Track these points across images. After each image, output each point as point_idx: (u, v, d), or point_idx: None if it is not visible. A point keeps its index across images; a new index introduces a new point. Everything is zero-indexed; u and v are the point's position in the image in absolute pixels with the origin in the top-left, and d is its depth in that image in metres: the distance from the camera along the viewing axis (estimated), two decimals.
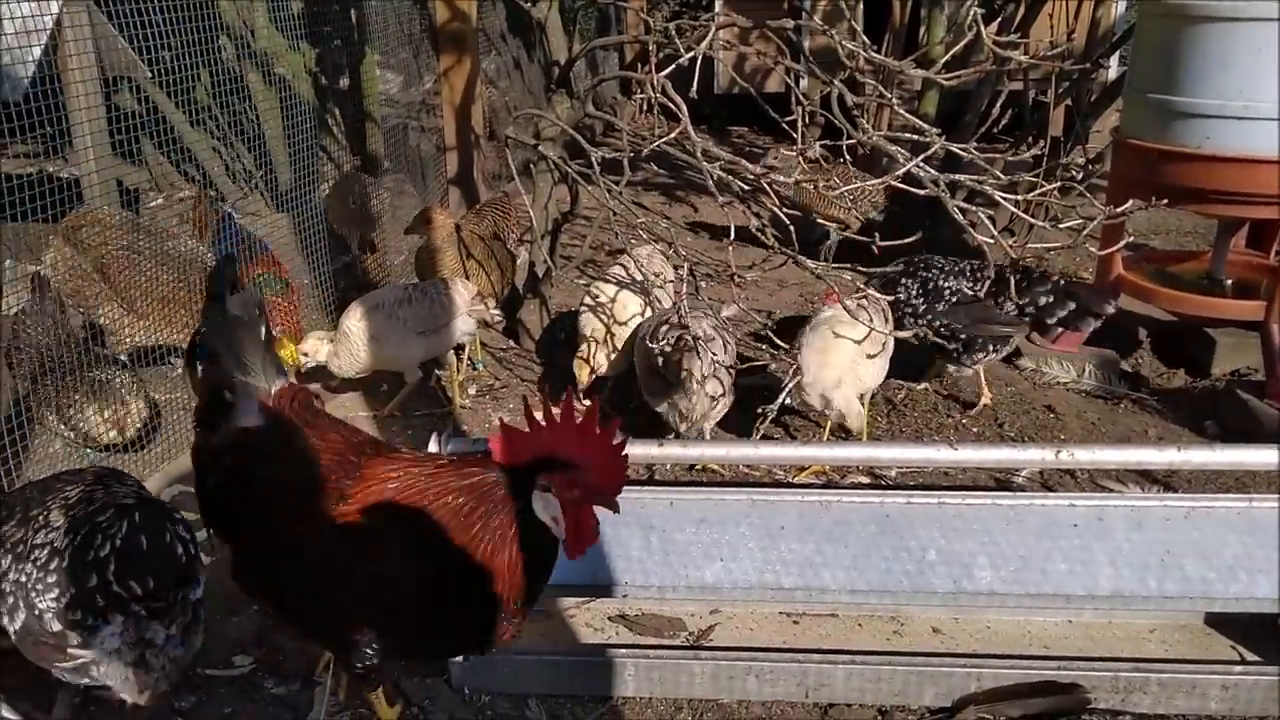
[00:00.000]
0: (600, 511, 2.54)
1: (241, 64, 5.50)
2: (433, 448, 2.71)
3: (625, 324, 3.97)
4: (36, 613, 2.15)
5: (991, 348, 4.10)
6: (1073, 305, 3.99)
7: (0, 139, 6.43)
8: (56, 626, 2.13)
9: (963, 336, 4.01)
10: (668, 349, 3.36)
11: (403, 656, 2.24)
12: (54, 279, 4.08)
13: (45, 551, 2.17)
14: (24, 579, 2.17)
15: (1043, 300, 4.00)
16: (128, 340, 4.09)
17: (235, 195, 6.11)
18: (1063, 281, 4.09)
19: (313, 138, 5.18)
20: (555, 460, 1.86)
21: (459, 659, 2.56)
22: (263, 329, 2.28)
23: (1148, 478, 3.54)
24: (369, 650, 2.06)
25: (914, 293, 4.09)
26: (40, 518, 2.24)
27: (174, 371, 4.32)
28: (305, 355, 3.98)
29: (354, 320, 3.98)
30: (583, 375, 3.94)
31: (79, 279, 4.08)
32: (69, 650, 2.15)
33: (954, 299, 4.07)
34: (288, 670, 2.68)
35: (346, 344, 3.96)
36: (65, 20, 4.05)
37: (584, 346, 3.97)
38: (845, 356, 3.53)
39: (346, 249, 5.40)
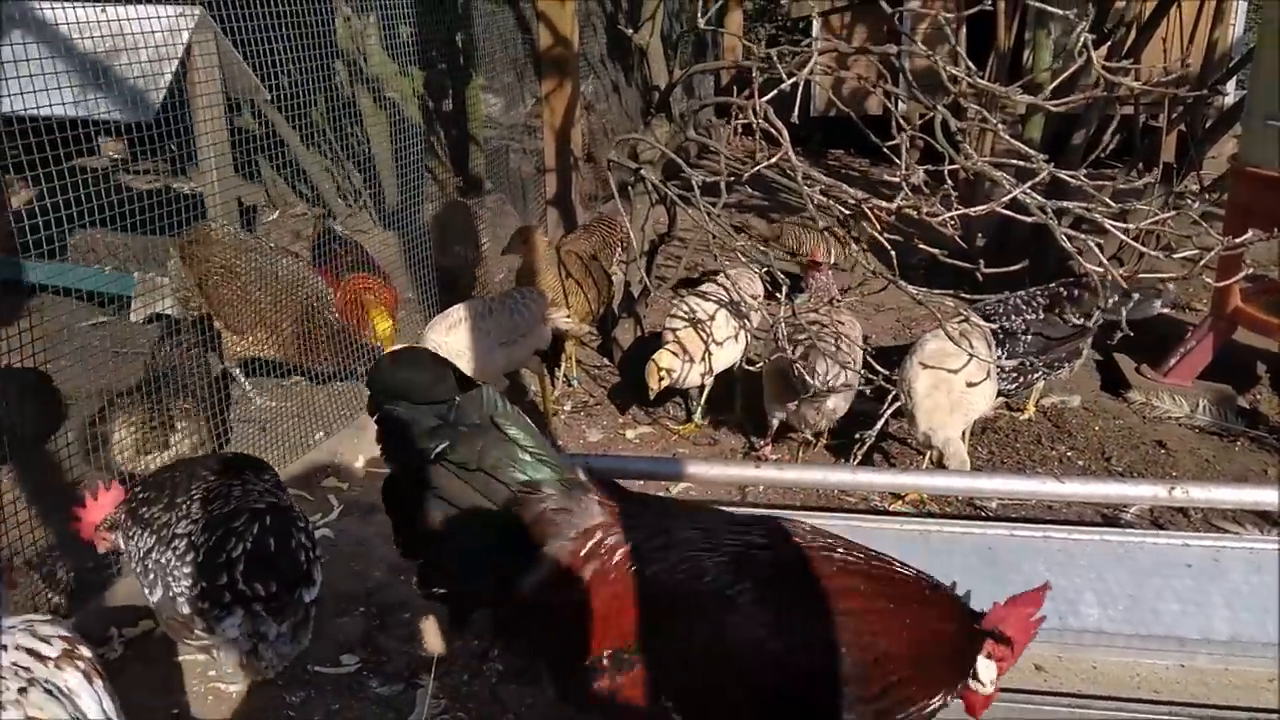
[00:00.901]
0: None
1: (354, 87, 5.74)
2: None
3: (713, 340, 4.00)
4: (171, 595, 2.39)
5: (1068, 365, 4.16)
6: (1136, 296, 3.95)
7: (132, 158, 6.83)
8: (186, 611, 2.38)
9: (1042, 367, 4.02)
10: (801, 351, 3.39)
11: None
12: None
13: (184, 543, 2.40)
14: (164, 561, 2.41)
15: (1108, 304, 3.95)
16: (239, 353, 4.26)
17: (344, 213, 6.36)
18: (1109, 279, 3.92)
19: (419, 158, 5.36)
20: (996, 633, 1.93)
21: None
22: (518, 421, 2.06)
23: (1266, 519, 3.39)
24: None
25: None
26: (184, 506, 2.48)
27: (287, 381, 4.50)
28: None
29: (440, 335, 4.03)
30: (652, 381, 3.96)
31: (186, 291, 4.28)
32: (195, 632, 2.40)
33: (1028, 332, 4.06)
34: (391, 671, 2.76)
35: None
36: (195, 48, 4.30)
37: (660, 354, 3.99)
38: (952, 393, 3.48)
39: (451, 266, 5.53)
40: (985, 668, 1.93)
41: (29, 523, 3.09)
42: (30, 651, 1.97)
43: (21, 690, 1.90)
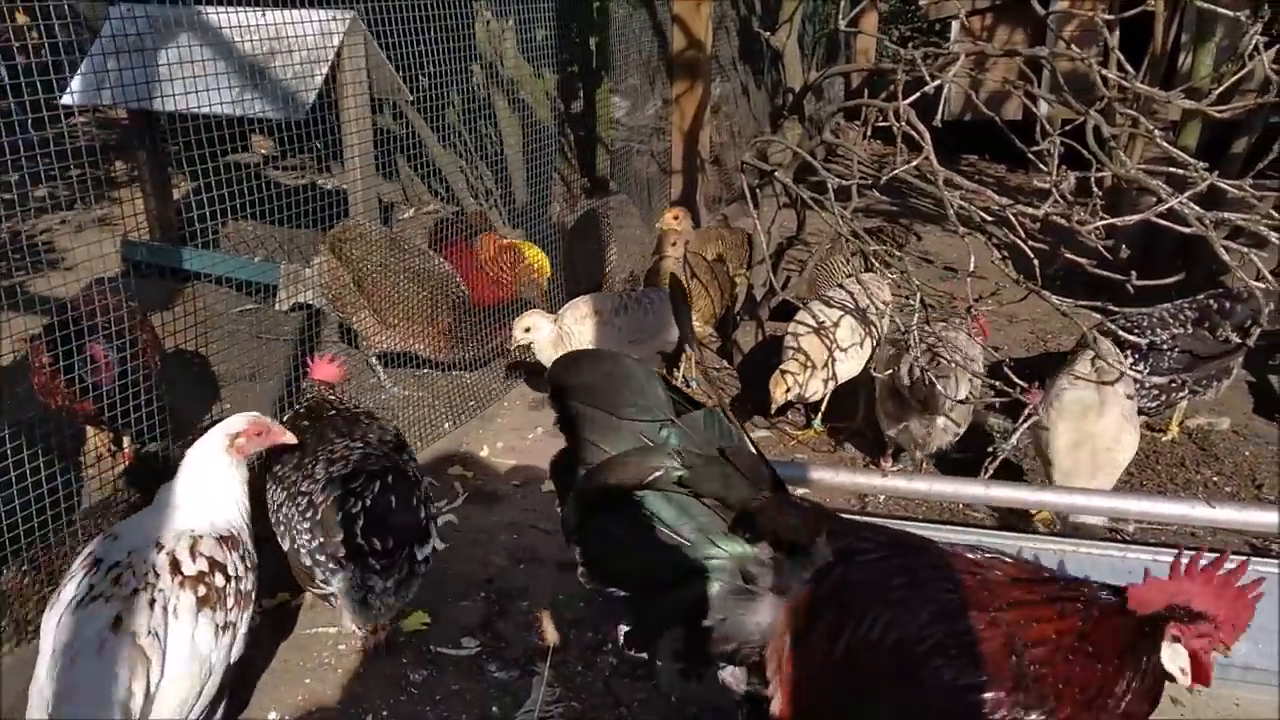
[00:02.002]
0: None
1: (489, 88, 5.90)
2: None
3: (837, 347, 3.92)
4: (295, 546, 2.65)
5: (1216, 384, 3.98)
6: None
7: (280, 155, 7.18)
8: (307, 563, 2.62)
9: (1189, 385, 3.81)
10: (918, 372, 3.30)
11: None
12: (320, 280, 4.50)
13: (305, 500, 2.65)
14: (292, 515, 2.67)
15: (1265, 318, 3.70)
16: (376, 345, 4.44)
17: (474, 210, 6.54)
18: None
19: (549, 159, 5.46)
20: (1183, 609, 1.79)
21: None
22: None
23: None
24: None
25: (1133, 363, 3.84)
26: (309, 467, 2.72)
27: (419, 371, 4.67)
28: (528, 331, 4.07)
29: (574, 321, 4.08)
30: (778, 393, 3.90)
31: (340, 286, 4.47)
32: (316, 581, 2.64)
33: (1175, 348, 3.84)
34: (509, 657, 2.83)
35: (566, 343, 4.05)
36: (345, 49, 4.49)
37: (787, 364, 3.94)
38: (1096, 454, 3.28)
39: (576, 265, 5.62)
40: (1173, 656, 1.77)
41: None
42: (174, 563, 2.16)
43: (134, 592, 2.07)
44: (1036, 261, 3.07)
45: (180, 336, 3.47)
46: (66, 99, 4.45)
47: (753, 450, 1.95)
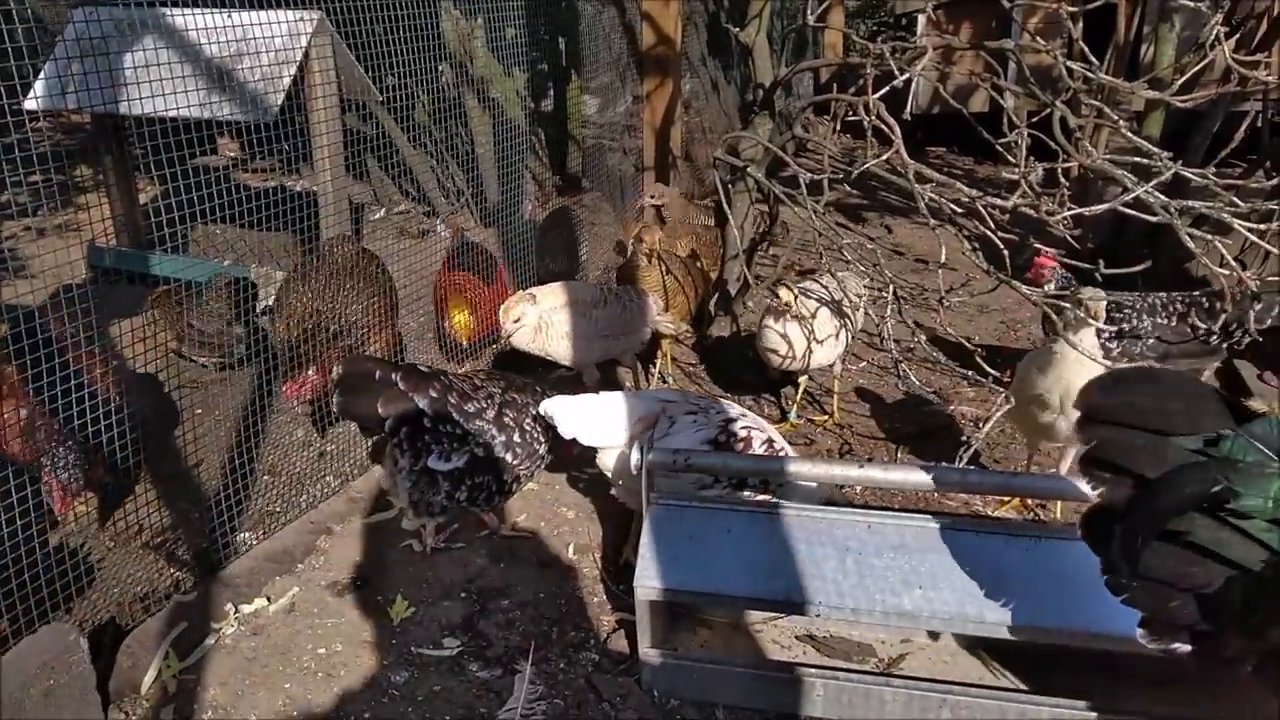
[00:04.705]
0: (795, 529, 2.57)
1: (460, 88, 5.88)
2: (634, 459, 2.79)
3: (814, 338, 3.95)
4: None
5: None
6: (1261, 303, 3.70)
7: (248, 157, 7.11)
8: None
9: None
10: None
11: None
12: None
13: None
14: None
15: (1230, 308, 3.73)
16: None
17: (447, 210, 6.52)
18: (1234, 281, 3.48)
19: (520, 157, 5.45)
20: None
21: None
22: None
23: None
24: None
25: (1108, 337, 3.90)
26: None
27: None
28: (517, 321, 4.00)
29: (551, 309, 4.03)
30: (785, 295, 3.88)
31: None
32: None
33: (1153, 335, 3.91)
34: (491, 656, 2.82)
35: (542, 334, 4.01)
36: (313, 50, 4.46)
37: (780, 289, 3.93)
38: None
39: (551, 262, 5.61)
40: None
41: (153, 504, 3.27)
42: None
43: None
44: (1006, 252, 3.11)
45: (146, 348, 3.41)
46: (29, 103, 4.39)
47: None
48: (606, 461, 3.16)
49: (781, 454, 3.21)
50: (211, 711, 2.64)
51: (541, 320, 4.01)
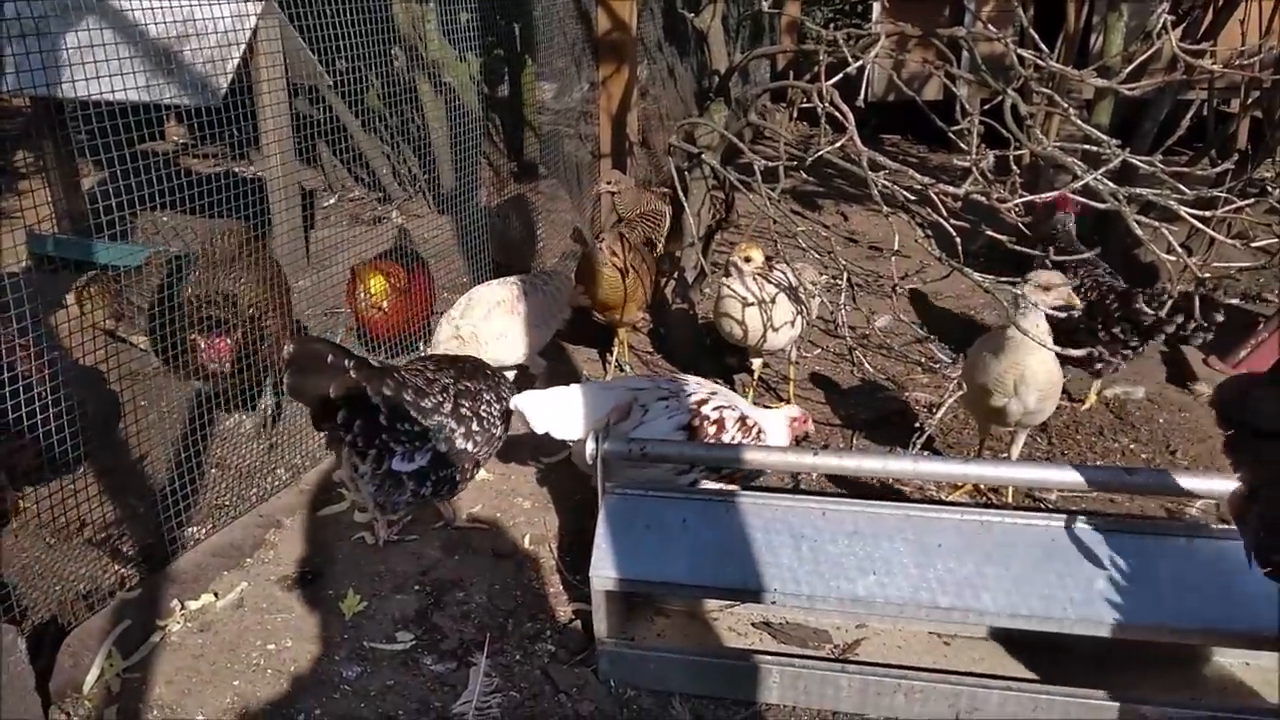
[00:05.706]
0: (751, 517, 2.57)
1: (412, 73, 5.78)
2: (590, 448, 2.77)
3: (770, 326, 3.95)
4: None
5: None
6: (1216, 314, 3.67)
7: (195, 142, 6.94)
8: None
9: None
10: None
11: None
12: None
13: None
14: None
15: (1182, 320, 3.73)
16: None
17: (401, 197, 6.42)
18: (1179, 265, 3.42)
19: (476, 143, 5.38)
20: None
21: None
22: None
23: None
24: None
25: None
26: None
27: None
28: (460, 340, 3.98)
29: (476, 320, 4.01)
30: (753, 253, 3.87)
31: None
32: None
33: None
34: (445, 649, 2.79)
35: (473, 346, 3.97)
36: (260, 33, 4.36)
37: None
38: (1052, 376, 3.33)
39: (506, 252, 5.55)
40: None
41: (96, 499, 3.19)
42: None
43: None
44: (959, 239, 3.13)
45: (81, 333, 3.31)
46: None
47: None
48: (582, 454, 3.13)
49: (754, 429, 3.22)
50: (157, 710, 2.58)
51: (467, 337, 4.00)
